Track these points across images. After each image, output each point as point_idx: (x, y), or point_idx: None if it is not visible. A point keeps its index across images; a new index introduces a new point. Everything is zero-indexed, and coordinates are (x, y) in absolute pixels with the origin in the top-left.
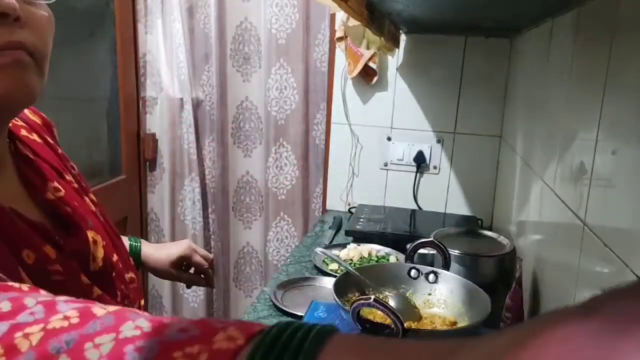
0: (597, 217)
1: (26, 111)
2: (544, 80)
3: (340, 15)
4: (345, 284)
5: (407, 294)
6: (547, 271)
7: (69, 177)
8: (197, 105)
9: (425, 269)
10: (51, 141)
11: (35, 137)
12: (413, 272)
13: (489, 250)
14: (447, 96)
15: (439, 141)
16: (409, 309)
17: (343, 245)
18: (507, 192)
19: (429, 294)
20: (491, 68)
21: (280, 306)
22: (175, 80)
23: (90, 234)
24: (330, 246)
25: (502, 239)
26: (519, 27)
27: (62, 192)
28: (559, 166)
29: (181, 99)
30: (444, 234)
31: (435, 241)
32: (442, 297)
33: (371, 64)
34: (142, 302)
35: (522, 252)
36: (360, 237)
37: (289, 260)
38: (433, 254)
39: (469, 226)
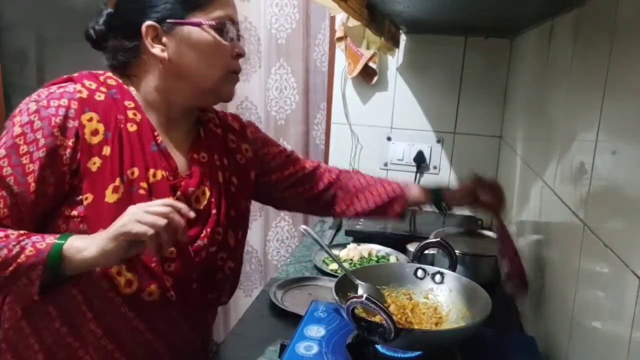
0: (597, 217)
1: (229, 117)
2: (544, 80)
3: (341, 15)
4: (346, 284)
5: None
6: (547, 271)
7: (217, 156)
8: None
9: (432, 269)
10: (231, 137)
11: (218, 130)
12: (420, 273)
13: (489, 250)
14: (447, 96)
15: (439, 141)
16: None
17: (343, 245)
18: (507, 192)
19: (429, 293)
20: (491, 68)
21: (280, 306)
22: None
23: (203, 187)
24: (330, 246)
25: None
26: (519, 27)
27: (205, 159)
28: (559, 166)
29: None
30: (444, 234)
31: (443, 242)
32: (442, 297)
33: (371, 64)
34: (231, 263)
35: (522, 252)
36: (360, 237)
37: (289, 260)
38: (434, 254)
39: (469, 226)
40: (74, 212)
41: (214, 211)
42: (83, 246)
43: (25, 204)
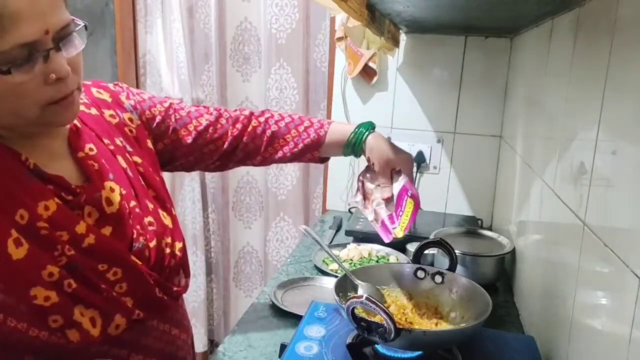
0: (597, 217)
1: (93, 90)
2: (544, 80)
3: (341, 15)
4: (346, 284)
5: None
6: (547, 271)
7: (107, 141)
8: None
9: (432, 269)
10: (109, 113)
11: (92, 110)
12: (420, 273)
13: (489, 250)
14: (447, 96)
15: (439, 141)
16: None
17: (343, 245)
18: (507, 192)
19: (429, 293)
20: (491, 68)
21: (280, 306)
22: (175, 80)
23: (108, 184)
24: (330, 246)
25: (502, 239)
26: (519, 27)
27: (94, 152)
28: (559, 166)
29: (181, 99)
30: (444, 234)
31: (443, 242)
32: (442, 297)
33: (371, 64)
34: (178, 243)
35: (522, 252)
36: (361, 237)
37: (289, 260)
38: (434, 254)
39: (469, 226)
40: None
41: (133, 203)
42: None
43: None
